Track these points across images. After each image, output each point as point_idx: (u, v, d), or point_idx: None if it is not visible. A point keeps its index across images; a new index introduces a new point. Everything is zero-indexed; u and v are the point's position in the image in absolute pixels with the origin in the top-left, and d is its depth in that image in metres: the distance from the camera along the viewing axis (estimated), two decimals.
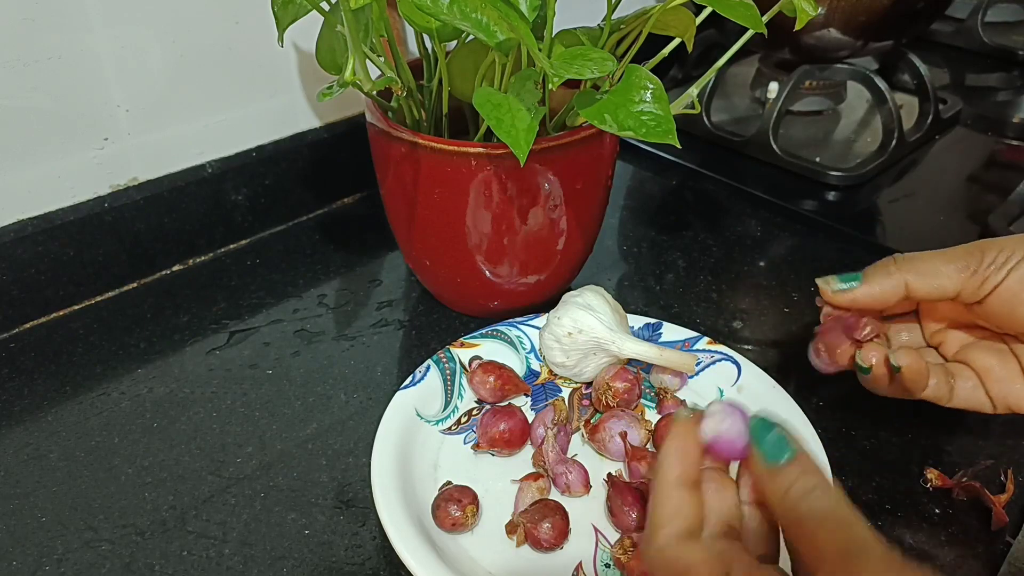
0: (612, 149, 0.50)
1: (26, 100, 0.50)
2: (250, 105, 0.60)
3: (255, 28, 0.58)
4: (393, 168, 0.48)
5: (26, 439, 0.46)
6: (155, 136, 0.57)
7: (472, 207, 0.46)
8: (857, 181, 0.68)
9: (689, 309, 0.56)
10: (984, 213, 0.63)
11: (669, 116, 0.40)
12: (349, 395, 0.49)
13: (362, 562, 0.39)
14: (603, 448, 0.43)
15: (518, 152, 0.39)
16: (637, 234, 0.65)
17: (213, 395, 0.49)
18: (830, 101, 0.79)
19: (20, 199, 0.52)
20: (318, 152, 0.65)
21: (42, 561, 0.39)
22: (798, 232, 0.64)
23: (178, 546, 0.40)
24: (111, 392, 0.49)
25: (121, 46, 0.53)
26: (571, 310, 0.46)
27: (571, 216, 0.49)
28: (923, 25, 0.75)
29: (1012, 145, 0.77)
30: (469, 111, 0.53)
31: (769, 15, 0.45)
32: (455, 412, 0.46)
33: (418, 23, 0.44)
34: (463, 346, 0.48)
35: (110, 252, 0.56)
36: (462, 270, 0.50)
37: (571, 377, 0.47)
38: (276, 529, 0.41)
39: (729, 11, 0.42)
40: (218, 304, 0.57)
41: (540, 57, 0.38)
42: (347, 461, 0.45)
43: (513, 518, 0.40)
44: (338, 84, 0.41)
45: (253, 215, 0.63)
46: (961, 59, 0.95)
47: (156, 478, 0.44)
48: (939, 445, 0.45)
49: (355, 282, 0.59)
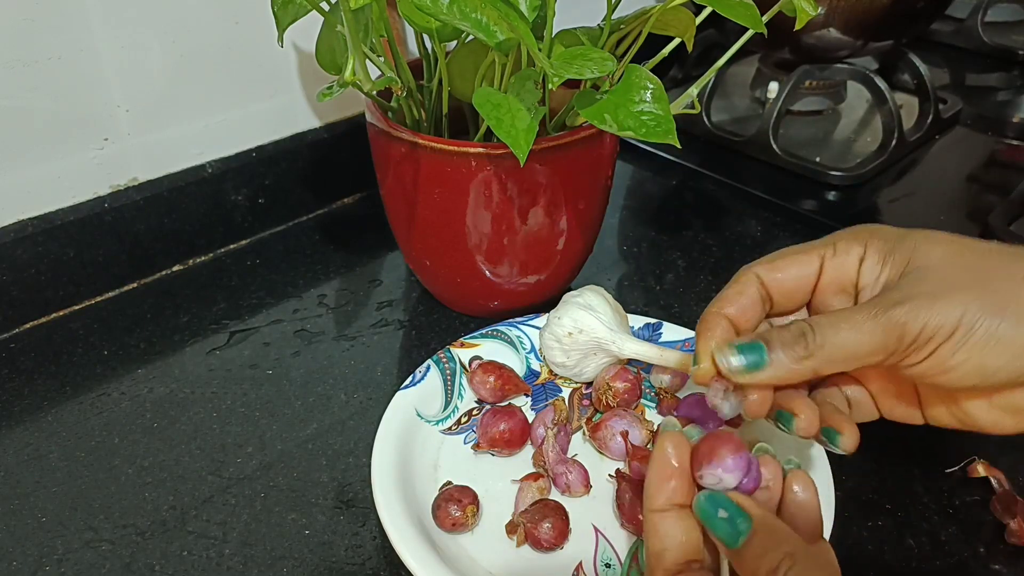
0: (612, 149, 0.50)
1: (26, 100, 0.50)
2: (250, 105, 0.60)
3: (255, 28, 0.58)
4: (393, 168, 0.48)
5: (26, 439, 0.46)
6: (155, 136, 0.57)
7: (472, 207, 0.46)
8: (857, 181, 0.68)
9: (689, 309, 0.56)
10: (984, 213, 0.63)
11: (669, 116, 0.40)
12: (349, 395, 0.49)
13: (362, 562, 0.39)
14: (604, 447, 0.43)
15: (518, 152, 0.39)
16: (637, 234, 0.65)
17: (213, 395, 0.49)
18: (830, 101, 0.79)
19: (20, 199, 0.52)
20: (318, 152, 0.65)
21: (42, 561, 0.39)
22: (798, 232, 0.64)
23: (178, 546, 0.40)
24: (111, 392, 0.49)
25: (121, 46, 0.53)
26: (571, 310, 0.46)
27: (571, 216, 0.49)
28: (923, 25, 0.75)
29: (1012, 145, 0.77)
30: (469, 111, 0.53)
31: (769, 15, 0.45)
32: (455, 412, 0.46)
33: (418, 23, 0.44)
34: (463, 346, 0.48)
35: (110, 252, 0.56)
36: (462, 270, 0.50)
37: (571, 377, 0.47)
38: (276, 529, 0.41)
39: (729, 11, 0.42)
40: (218, 304, 0.57)
41: (540, 57, 0.38)
42: (347, 461, 0.45)
43: (513, 518, 0.40)
44: (338, 84, 0.41)
45: (253, 215, 0.63)
46: (961, 59, 0.95)
47: (156, 478, 0.44)
48: (938, 445, 0.45)
49: (355, 282, 0.59)
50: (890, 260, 0.33)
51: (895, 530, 0.40)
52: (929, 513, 0.41)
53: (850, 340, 0.31)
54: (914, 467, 0.44)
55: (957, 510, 0.41)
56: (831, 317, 0.32)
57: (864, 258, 0.34)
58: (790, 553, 0.28)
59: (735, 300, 0.35)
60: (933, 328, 0.30)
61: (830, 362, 0.32)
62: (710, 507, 0.30)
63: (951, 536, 0.40)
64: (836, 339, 0.31)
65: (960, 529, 0.40)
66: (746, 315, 0.35)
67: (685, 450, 0.31)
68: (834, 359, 0.32)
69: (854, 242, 0.35)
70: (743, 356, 0.33)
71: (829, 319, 0.32)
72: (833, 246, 0.35)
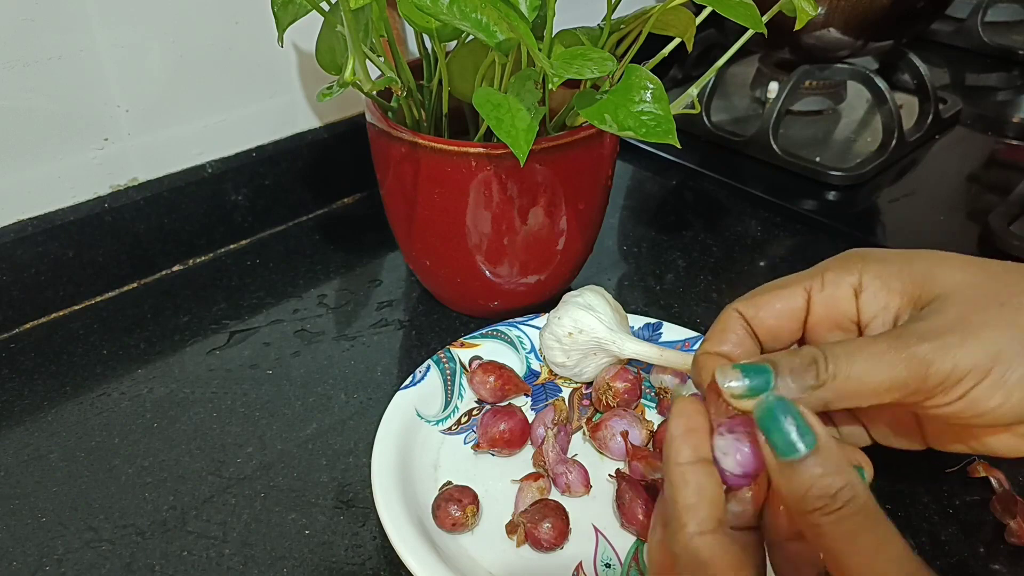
0: (612, 149, 0.50)
1: (26, 100, 0.50)
2: (250, 105, 0.60)
3: (255, 28, 0.58)
4: (393, 168, 0.48)
5: (26, 439, 0.46)
6: (155, 136, 0.57)
7: (472, 207, 0.46)
8: (857, 181, 0.68)
9: (689, 309, 0.56)
10: (984, 213, 0.63)
11: (669, 116, 0.40)
12: (349, 395, 0.49)
13: (362, 562, 0.39)
14: (604, 446, 0.43)
15: (518, 152, 0.39)
16: (637, 234, 0.65)
17: (213, 395, 0.49)
18: (830, 101, 0.79)
19: (20, 199, 0.52)
20: (318, 152, 0.65)
21: (42, 561, 0.39)
22: (798, 232, 0.64)
23: (178, 546, 0.40)
24: (111, 392, 0.49)
25: (121, 46, 0.53)
26: (571, 310, 0.46)
27: (571, 216, 0.49)
28: (923, 25, 0.75)
29: (1012, 145, 0.77)
30: (469, 111, 0.53)
31: (769, 15, 0.45)
32: (455, 412, 0.46)
33: (418, 23, 0.44)
34: (463, 346, 0.48)
35: (110, 252, 0.56)
36: (462, 270, 0.50)
37: (571, 377, 0.47)
38: (276, 529, 0.41)
39: (729, 11, 0.42)
40: (218, 304, 0.57)
41: (540, 57, 0.38)
42: (347, 461, 0.45)
43: (513, 518, 0.40)
44: (338, 84, 0.41)
45: (253, 215, 0.63)
46: (961, 59, 0.95)
47: (156, 478, 0.44)
48: None
49: (355, 282, 0.59)
50: (897, 287, 0.31)
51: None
52: (929, 513, 0.41)
53: (868, 373, 0.28)
54: (914, 467, 0.44)
55: (957, 510, 0.41)
56: (848, 346, 0.29)
57: (861, 289, 0.31)
58: (852, 484, 0.25)
59: (723, 339, 0.32)
60: (965, 369, 0.27)
61: (842, 396, 0.28)
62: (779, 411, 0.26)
63: (951, 536, 0.40)
64: (852, 370, 0.28)
65: (960, 529, 0.40)
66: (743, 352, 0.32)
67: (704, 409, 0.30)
68: (847, 393, 0.28)
69: (844, 272, 0.32)
70: (746, 378, 0.28)
71: (846, 348, 0.29)
72: (821, 278, 0.32)
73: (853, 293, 0.31)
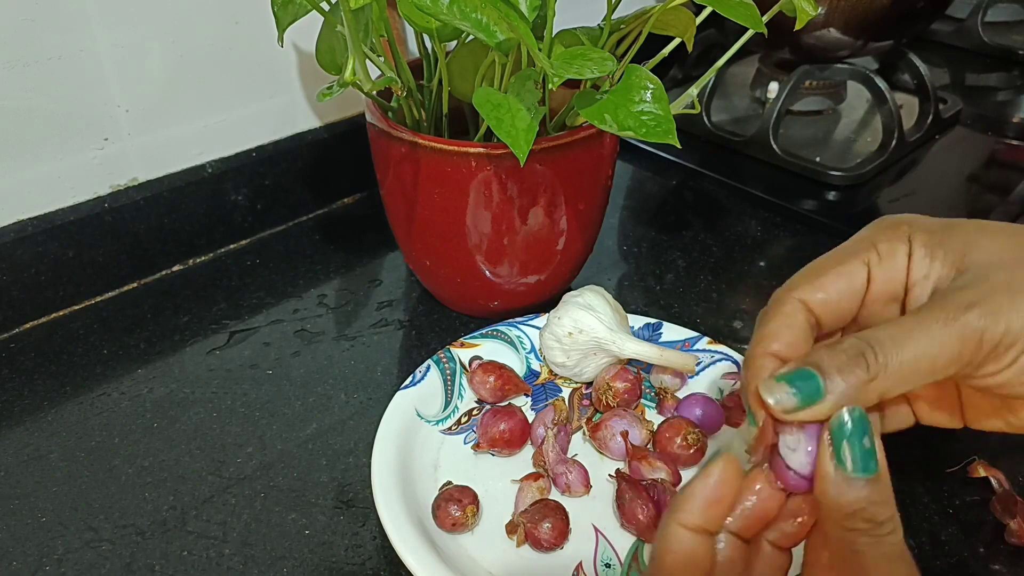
0: (612, 149, 0.50)
1: (26, 100, 0.50)
2: (250, 105, 0.60)
3: (255, 28, 0.58)
4: (393, 168, 0.48)
5: (26, 439, 0.46)
6: (155, 136, 0.57)
7: (472, 207, 0.46)
8: (857, 181, 0.68)
9: (689, 309, 0.56)
10: (984, 213, 0.63)
11: (669, 116, 0.40)
12: (349, 395, 0.49)
13: (362, 562, 0.39)
14: (604, 446, 0.43)
15: (518, 152, 0.39)
16: (637, 234, 0.65)
17: (213, 395, 0.49)
18: (830, 101, 0.79)
19: (20, 199, 0.52)
20: (318, 152, 0.65)
21: (42, 561, 0.39)
22: (798, 232, 0.64)
23: (178, 546, 0.40)
24: (111, 392, 0.49)
25: (121, 46, 0.53)
26: (571, 310, 0.46)
27: (571, 216, 0.49)
28: (923, 25, 0.75)
29: (1012, 145, 0.77)
30: (469, 111, 0.53)
31: (769, 15, 0.45)
32: (455, 412, 0.46)
33: (418, 23, 0.44)
34: (463, 346, 0.48)
35: (110, 252, 0.56)
36: (462, 270, 0.50)
37: (571, 377, 0.47)
38: (276, 529, 0.41)
39: (729, 11, 0.42)
40: (218, 304, 0.57)
41: (540, 57, 0.38)
42: (347, 461, 0.45)
43: (513, 518, 0.40)
44: (338, 84, 0.41)
45: (253, 215, 0.63)
46: (961, 59, 0.95)
47: (156, 478, 0.44)
48: (938, 445, 0.45)
49: (355, 282, 0.59)
50: (939, 255, 0.29)
51: None
52: (929, 513, 0.41)
53: (922, 353, 0.27)
54: (914, 467, 0.44)
55: (957, 510, 0.41)
56: (891, 329, 0.27)
57: (911, 256, 0.30)
58: (896, 520, 0.25)
59: (782, 334, 0.29)
60: (1016, 332, 0.26)
61: (899, 383, 0.27)
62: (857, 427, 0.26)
63: (951, 536, 0.40)
64: (904, 355, 0.27)
65: (960, 529, 0.40)
66: (797, 350, 0.29)
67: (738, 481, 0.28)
68: (904, 378, 0.27)
69: (897, 241, 0.30)
70: (794, 389, 0.27)
71: (889, 332, 0.27)
72: (874, 249, 0.30)
73: (907, 262, 0.30)
